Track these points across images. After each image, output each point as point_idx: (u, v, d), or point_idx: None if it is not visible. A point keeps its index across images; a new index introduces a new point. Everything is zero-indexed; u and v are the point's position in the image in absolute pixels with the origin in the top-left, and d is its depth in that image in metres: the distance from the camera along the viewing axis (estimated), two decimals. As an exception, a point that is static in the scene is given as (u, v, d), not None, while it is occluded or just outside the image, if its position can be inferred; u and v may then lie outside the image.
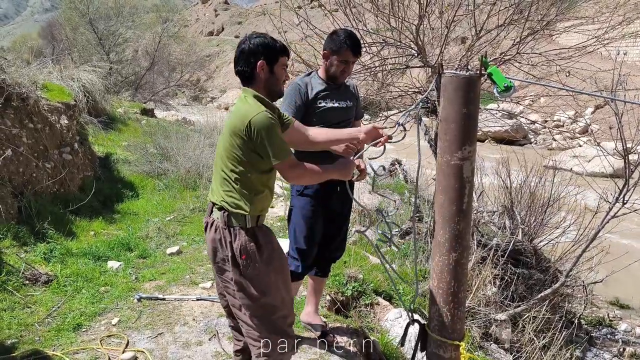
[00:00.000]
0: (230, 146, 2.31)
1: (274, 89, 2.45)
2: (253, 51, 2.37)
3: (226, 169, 2.34)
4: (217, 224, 2.39)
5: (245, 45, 2.39)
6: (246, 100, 2.35)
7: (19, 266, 4.07)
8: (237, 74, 2.45)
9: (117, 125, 11.57)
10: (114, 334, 3.41)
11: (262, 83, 2.40)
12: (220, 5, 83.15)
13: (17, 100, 5.42)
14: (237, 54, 2.42)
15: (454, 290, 2.38)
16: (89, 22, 19.77)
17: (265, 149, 2.26)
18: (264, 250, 2.38)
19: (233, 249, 2.34)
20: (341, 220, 3.30)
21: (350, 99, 3.18)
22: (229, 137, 2.31)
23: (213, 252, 2.45)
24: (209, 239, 2.45)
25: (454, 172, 2.26)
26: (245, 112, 2.27)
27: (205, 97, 42.01)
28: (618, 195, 3.62)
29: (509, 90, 2.24)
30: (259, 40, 2.39)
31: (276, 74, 2.42)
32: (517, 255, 5.42)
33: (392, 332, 3.84)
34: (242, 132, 2.24)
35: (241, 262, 2.34)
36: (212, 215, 2.45)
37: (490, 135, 18.74)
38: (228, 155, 2.33)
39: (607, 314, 6.41)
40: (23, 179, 5.25)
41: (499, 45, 4.65)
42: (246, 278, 2.35)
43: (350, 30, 3.14)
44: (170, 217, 6.31)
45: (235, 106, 2.39)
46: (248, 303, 2.38)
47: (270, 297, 2.39)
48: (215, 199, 2.41)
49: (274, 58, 2.40)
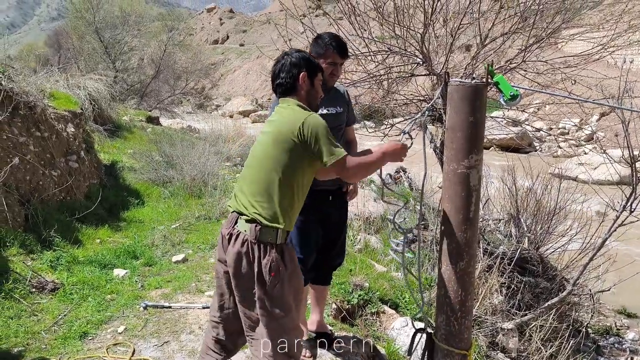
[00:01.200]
0: (275, 154, 2.29)
1: (313, 102, 2.50)
2: (295, 63, 2.44)
3: (266, 178, 2.30)
4: (245, 237, 2.30)
5: (286, 59, 2.46)
6: (291, 108, 2.38)
7: (25, 274, 4.08)
8: (277, 86, 2.48)
9: (123, 133, 11.63)
10: (120, 342, 3.41)
11: (304, 94, 2.45)
12: (225, 14, 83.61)
13: (25, 109, 5.46)
14: (278, 68, 2.47)
15: (461, 299, 2.37)
16: (95, 31, 19.95)
17: (320, 149, 2.26)
18: (288, 268, 2.35)
19: (261, 266, 2.28)
20: (338, 227, 3.26)
21: (340, 105, 3.13)
22: (274, 145, 2.29)
23: (236, 266, 2.33)
24: (233, 251, 2.33)
25: (461, 181, 2.26)
26: (294, 117, 2.30)
27: (210, 105, 42.17)
28: (625, 203, 3.61)
29: (516, 98, 2.25)
30: (300, 55, 2.48)
31: (316, 87, 2.50)
32: (524, 263, 5.39)
33: (398, 340, 3.82)
34: (293, 136, 2.25)
35: (268, 280, 2.28)
36: (236, 226, 2.36)
37: (495, 142, 18.74)
38: (271, 165, 2.29)
39: (614, 322, 6.36)
40: (30, 187, 5.28)
41: (504, 53, 4.65)
42: (271, 296, 2.30)
43: (334, 32, 3.13)
44: (176, 225, 6.32)
45: (279, 114, 2.40)
46: (269, 322, 2.33)
47: (289, 316, 2.36)
48: (244, 210, 2.34)
49: (315, 72, 2.49)
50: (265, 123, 2.51)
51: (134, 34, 21.94)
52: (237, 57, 58.56)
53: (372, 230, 6.74)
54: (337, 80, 3.14)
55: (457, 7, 4.84)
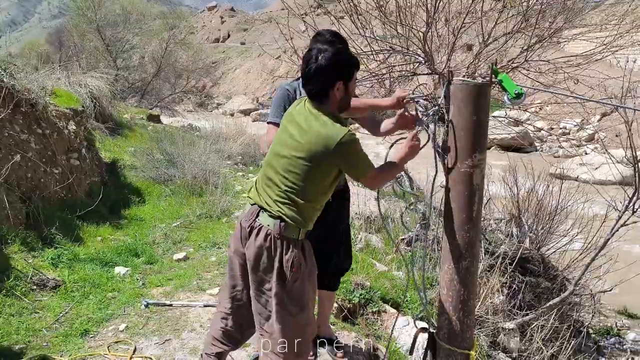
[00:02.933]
0: (304, 167, 2.24)
1: (344, 107, 2.39)
2: (329, 71, 2.24)
3: (292, 183, 2.27)
4: (269, 231, 2.28)
5: (320, 62, 2.23)
6: (321, 119, 2.25)
7: (27, 271, 4.08)
8: (307, 92, 2.32)
9: (124, 131, 11.62)
10: (122, 340, 3.41)
11: (336, 102, 2.32)
12: (226, 12, 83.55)
13: (26, 106, 5.45)
14: (311, 72, 2.26)
15: (464, 298, 2.37)
16: (96, 29, 19.96)
17: (352, 167, 2.29)
18: (308, 264, 2.36)
19: (283, 261, 2.27)
20: (339, 230, 3.18)
21: None
22: (305, 159, 2.23)
23: (255, 259, 2.31)
24: (255, 245, 2.30)
25: (464, 180, 2.25)
26: (328, 134, 2.20)
27: (211, 103, 42.10)
28: (628, 203, 3.60)
29: (520, 97, 2.24)
30: (335, 58, 2.25)
31: (350, 91, 2.36)
32: (525, 263, 5.40)
33: (399, 340, 3.82)
34: (327, 154, 2.19)
35: (290, 275, 2.27)
36: (258, 219, 2.33)
37: (496, 142, 18.72)
38: (299, 174, 2.25)
39: (615, 323, 6.37)
40: (31, 185, 5.27)
41: (506, 52, 4.65)
42: (290, 292, 2.30)
43: (333, 30, 3.03)
44: (177, 223, 6.32)
45: (309, 124, 2.26)
46: (284, 319, 2.31)
47: (305, 314, 2.36)
48: (267, 207, 2.31)
49: (350, 76, 2.32)
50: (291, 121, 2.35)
51: (135, 32, 21.93)
52: (238, 56, 58.51)
53: (373, 230, 6.73)
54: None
55: (460, 7, 4.84)
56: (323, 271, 3.18)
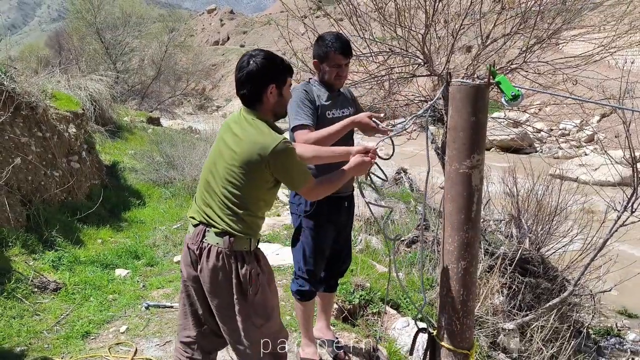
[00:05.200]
0: (241, 175, 2.17)
1: (280, 111, 2.32)
2: (261, 75, 2.19)
3: (231, 194, 2.19)
4: (220, 249, 2.19)
5: (252, 67, 2.19)
6: (257, 127, 2.20)
7: (27, 274, 4.09)
8: (241, 97, 2.25)
9: (124, 134, 11.65)
10: (122, 342, 3.42)
11: (270, 107, 2.25)
12: (225, 15, 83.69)
13: (26, 109, 5.47)
14: (243, 77, 2.21)
15: (463, 298, 2.37)
16: (96, 32, 20.02)
17: (287, 177, 2.22)
18: (265, 272, 2.31)
19: (240, 276, 2.20)
20: (347, 233, 3.22)
21: (350, 106, 3.06)
22: (240, 167, 2.17)
23: (212, 281, 2.21)
24: (208, 267, 2.19)
25: (463, 181, 2.26)
26: (262, 142, 2.14)
27: (211, 105, 42.20)
28: (626, 204, 3.61)
29: (517, 98, 2.25)
30: (266, 63, 2.20)
31: (284, 96, 2.29)
32: (525, 264, 5.39)
33: (399, 340, 3.82)
34: (260, 162, 2.13)
35: (249, 289, 2.21)
36: (205, 239, 2.22)
37: (496, 143, 18.74)
38: (237, 184, 2.18)
39: (615, 323, 6.37)
40: (32, 187, 5.29)
41: (505, 54, 4.66)
42: (253, 305, 2.23)
43: (337, 32, 3.01)
44: (177, 225, 6.33)
45: (243, 131, 2.21)
46: (250, 332, 2.25)
47: (272, 321, 2.31)
48: (213, 223, 2.22)
49: (284, 80, 2.26)
50: (227, 131, 2.28)
51: (134, 35, 21.98)
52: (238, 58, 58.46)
53: (374, 231, 6.74)
54: (344, 82, 3.01)
55: (459, 8, 4.85)
56: (328, 273, 3.21)
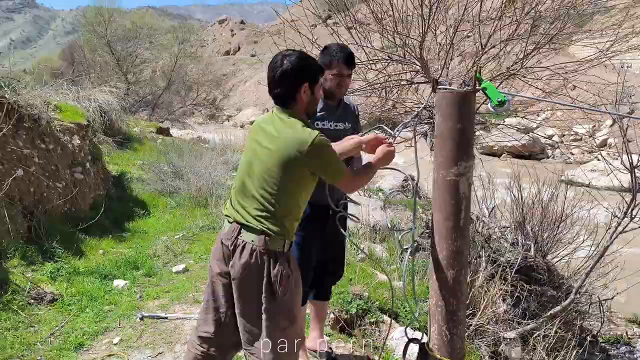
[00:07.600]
0: (279, 174, 2.22)
1: (312, 110, 2.43)
2: (295, 73, 2.27)
3: (268, 194, 2.25)
4: (254, 247, 2.23)
5: (286, 66, 2.26)
6: (292, 124, 2.26)
7: (24, 285, 4.10)
8: (274, 96, 2.33)
9: (133, 145, 11.74)
10: (115, 354, 3.40)
11: (304, 106, 2.33)
12: (236, 25, 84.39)
13: (29, 121, 5.51)
14: (277, 76, 2.28)
15: (453, 308, 2.33)
16: (107, 44, 20.22)
17: (326, 170, 2.30)
18: (294, 274, 2.34)
19: (271, 275, 2.23)
20: (337, 243, 3.20)
21: (349, 120, 3.07)
22: (278, 167, 2.22)
23: (242, 277, 2.26)
24: (240, 263, 2.25)
25: (450, 188, 2.23)
26: (300, 138, 2.21)
27: (222, 115, 42.41)
28: (626, 210, 3.54)
29: (503, 104, 2.22)
30: (300, 61, 2.28)
31: (316, 95, 2.39)
32: (530, 271, 5.30)
33: (397, 351, 3.76)
34: (300, 159, 2.19)
35: (279, 290, 2.23)
36: (240, 237, 2.27)
37: (506, 149, 18.59)
38: (275, 183, 2.23)
39: (625, 331, 6.24)
40: (34, 199, 5.31)
41: (503, 60, 4.61)
42: (280, 306, 2.26)
43: (342, 43, 3.11)
44: (179, 235, 6.33)
45: (278, 131, 2.27)
46: (272, 332, 2.26)
47: (295, 325, 2.33)
48: (248, 223, 2.27)
49: (316, 78, 2.35)
50: (259, 131, 2.36)
51: (145, 47, 22.22)
52: (249, 68, 58.98)
53: (377, 239, 6.69)
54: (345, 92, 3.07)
55: (458, 14, 4.82)
56: (319, 281, 3.18)
